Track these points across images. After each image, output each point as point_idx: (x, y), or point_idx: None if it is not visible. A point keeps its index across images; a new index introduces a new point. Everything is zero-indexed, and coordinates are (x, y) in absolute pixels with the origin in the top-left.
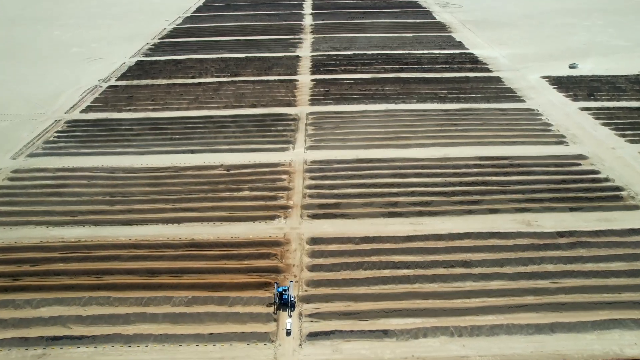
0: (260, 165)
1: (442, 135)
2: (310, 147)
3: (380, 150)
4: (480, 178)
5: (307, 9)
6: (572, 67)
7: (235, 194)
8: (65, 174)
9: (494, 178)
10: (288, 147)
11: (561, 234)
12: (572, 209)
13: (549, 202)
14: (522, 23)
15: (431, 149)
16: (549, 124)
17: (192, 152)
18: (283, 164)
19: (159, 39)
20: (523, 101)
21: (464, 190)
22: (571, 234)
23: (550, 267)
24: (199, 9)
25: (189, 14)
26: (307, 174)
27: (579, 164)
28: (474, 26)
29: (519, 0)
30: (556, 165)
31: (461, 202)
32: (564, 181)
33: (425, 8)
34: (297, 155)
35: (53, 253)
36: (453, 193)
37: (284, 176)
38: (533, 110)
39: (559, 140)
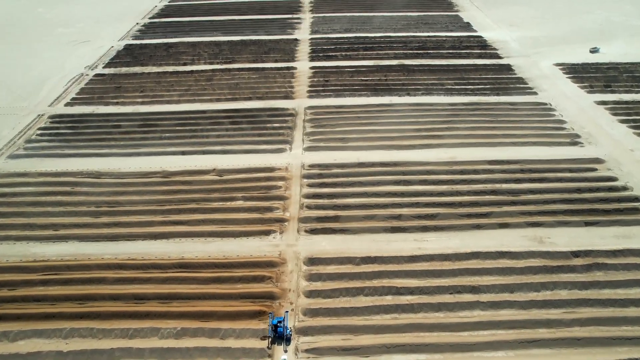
0: (255, 169)
1: (449, 134)
2: (309, 148)
3: (383, 152)
4: (489, 186)
5: None
6: (593, 51)
7: (228, 204)
8: (48, 179)
9: (504, 186)
10: (285, 147)
11: (576, 254)
12: (587, 224)
13: (563, 215)
14: (533, 0)
15: (437, 151)
16: (562, 121)
17: (183, 153)
18: (279, 168)
19: (150, 18)
20: (535, 93)
21: (472, 201)
22: (586, 253)
23: (564, 294)
24: None
25: None
26: (305, 180)
27: (595, 169)
28: (482, 3)
29: None
30: (570, 170)
31: (469, 215)
32: (578, 190)
33: None
34: (295, 157)
35: (33, 275)
36: (460, 204)
37: (280, 183)
38: (545, 104)
39: (573, 140)
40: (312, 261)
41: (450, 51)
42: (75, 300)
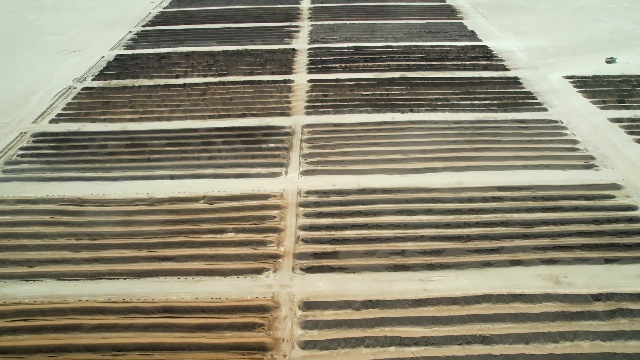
0: (249, 196)
1: (455, 156)
2: (306, 172)
3: (385, 177)
4: (499, 216)
5: None
6: (609, 61)
7: (219, 236)
8: (26, 207)
9: (515, 216)
10: (280, 171)
11: (597, 297)
12: (607, 260)
13: (580, 251)
14: (539, 6)
15: (443, 175)
16: (575, 141)
17: (172, 177)
18: (274, 195)
19: (143, 26)
20: (545, 109)
21: (481, 234)
22: (608, 296)
23: (585, 345)
24: None
25: None
26: (301, 208)
27: (613, 196)
28: (486, 11)
29: None
30: (586, 197)
31: (478, 251)
32: (596, 220)
33: None
34: (291, 182)
35: (2, 321)
36: (469, 237)
37: (274, 212)
38: (557, 122)
39: (588, 162)
40: (307, 305)
41: (455, 62)
42: (47, 352)
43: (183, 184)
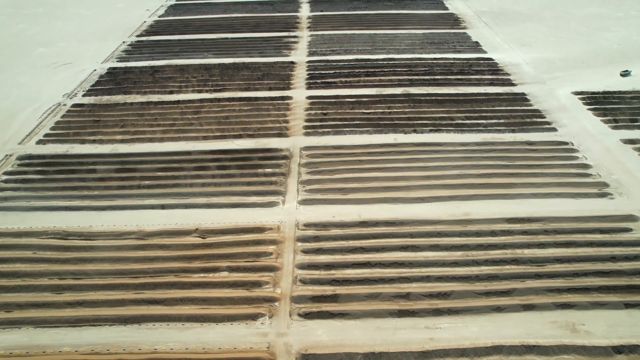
0: (243, 230)
1: (461, 183)
2: (304, 201)
3: (388, 207)
4: (509, 252)
5: None
6: (624, 74)
7: (211, 276)
8: (7, 240)
9: (526, 252)
10: (277, 201)
11: (618, 350)
12: (627, 305)
13: (597, 293)
14: (544, 15)
15: (449, 205)
16: (587, 165)
17: (163, 207)
18: (270, 228)
19: (137, 36)
20: (554, 129)
21: (490, 273)
22: (631, 349)
23: None
24: None
25: (172, 1)
26: (299, 243)
27: (630, 229)
28: (491, 20)
29: None
30: (601, 231)
31: (487, 293)
32: (613, 258)
33: None
34: (288, 213)
35: None
36: (477, 277)
37: (270, 247)
38: (566, 143)
39: (601, 190)
40: (306, 358)
41: (459, 77)
42: None
43: (175, 215)
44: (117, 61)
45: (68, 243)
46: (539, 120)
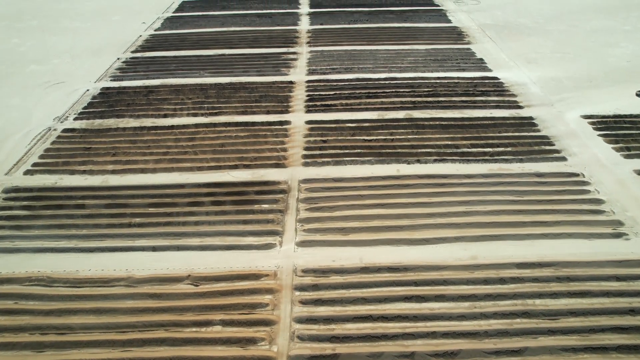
0: (238, 276)
1: (468, 222)
2: (302, 243)
3: (391, 249)
4: (519, 303)
5: (304, 7)
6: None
7: (204, 330)
8: None
9: (538, 303)
10: (274, 242)
11: None
12: None
13: (617, 353)
14: (549, 28)
15: (454, 247)
16: (599, 200)
17: (154, 249)
18: (267, 274)
19: (132, 52)
20: (564, 159)
21: (500, 329)
22: None
23: None
24: (181, 6)
25: (169, 14)
26: (297, 292)
27: None
28: (495, 34)
29: None
30: (618, 278)
31: (497, 353)
32: (632, 310)
33: (438, 5)
34: (286, 256)
35: None
36: (486, 333)
37: (266, 297)
38: (577, 175)
39: (616, 229)
40: None
41: (464, 99)
42: None
43: (166, 258)
44: (111, 80)
45: (53, 291)
46: (547, 148)
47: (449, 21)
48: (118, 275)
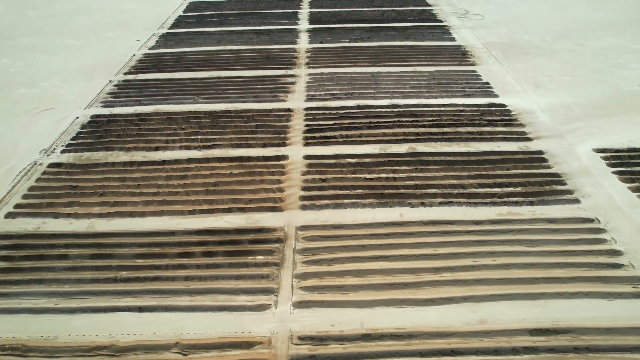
0: (229, 344)
1: (476, 278)
2: (299, 304)
3: (394, 311)
4: None
5: (303, 22)
6: None
7: None
8: None
9: None
10: (269, 302)
11: None
12: None
13: None
14: (557, 47)
15: (462, 308)
16: (617, 252)
17: (141, 309)
18: (260, 342)
19: (125, 74)
20: (577, 201)
21: None
22: None
23: None
24: (176, 23)
25: (165, 29)
26: None
27: None
28: (500, 53)
29: (547, 7)
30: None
31: None
32: None
33: (441, 21)
34: (281, 319)
35: None
36: None
37: None
38: (592, 220)
39: (637, 288)
40: None
41: (470, 129)
42: None
43: (153, 321)
44: (102, 106)
45: None
46: (559, 188)
47: (453, 39)
48: (100, 343)
